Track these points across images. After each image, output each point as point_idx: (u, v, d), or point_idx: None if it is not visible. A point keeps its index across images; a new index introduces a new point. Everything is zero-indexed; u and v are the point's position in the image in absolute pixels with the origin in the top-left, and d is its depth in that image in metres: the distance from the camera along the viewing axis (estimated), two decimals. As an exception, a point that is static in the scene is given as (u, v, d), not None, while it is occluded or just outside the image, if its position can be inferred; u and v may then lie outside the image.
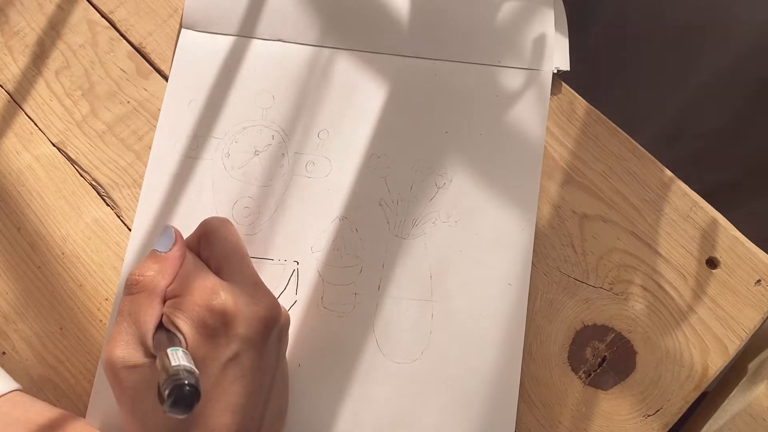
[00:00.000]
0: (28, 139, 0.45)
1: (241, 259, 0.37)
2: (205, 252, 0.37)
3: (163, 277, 0.35)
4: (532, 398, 0.41)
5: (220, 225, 0.38)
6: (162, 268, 0.35)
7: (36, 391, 0.40)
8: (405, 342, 0.41)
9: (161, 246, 0.36)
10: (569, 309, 0.42)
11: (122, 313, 0.35)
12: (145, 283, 0.35)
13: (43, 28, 0.47)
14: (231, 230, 0.38)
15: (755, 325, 0.41)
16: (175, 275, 0.36)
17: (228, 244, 0.37)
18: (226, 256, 0.36)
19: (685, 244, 0.42)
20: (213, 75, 0.45)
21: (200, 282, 0.34)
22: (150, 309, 0.34)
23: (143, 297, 0.35)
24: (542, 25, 0.45)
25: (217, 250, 0.37)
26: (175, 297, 0.34)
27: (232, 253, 0.37)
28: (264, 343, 0.35)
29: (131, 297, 0.35)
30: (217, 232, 0.37)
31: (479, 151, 0.43)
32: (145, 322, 0.34)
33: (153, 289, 0.35)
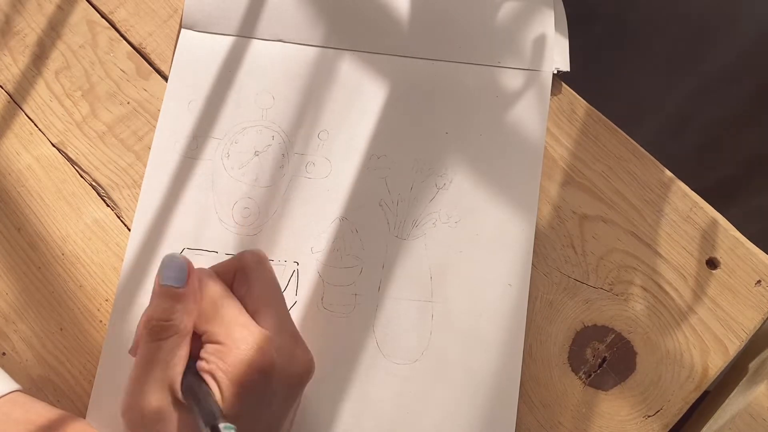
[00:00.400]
0: (28, 140, 0.45)
1: (279, 304, 0.35)
2: (241, 288, 0.35)
3: (190, 317, 0.33)
4: (532, 399, 0.41)
5: (260, 263, 0.36)
6: (185, 308, 0.33)
7: (36, 392, 0.40)
8: (405, 343, 0.41)
9: (175, 280, 0.33)
10: (569, 310, 0.42)
11: (147, 358, 0.32)
12: (175, 328, 0.33)
13: (43, 28, 0.47)
14: (270, 270, 0.36)
15: (755, 325, 0.41)
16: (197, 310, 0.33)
17: (268, 287, 0.35)
18: (265, 300, 0.35)
19: (686, 245, 0.42)
20: (213, 75, 0.45)
21: (245, 333, 0.32)
22: (179, 354, 0.32)
23: (173, 341, 0.33)
24: (542, 25, 0.45)
25: (257, 291, 0.35)
26: (217, 344, 0.32)
27: (272, 298, 0.35)
28: (295, 399, 0.34)
29: (159, 343, 0.32)
30: (257, 271, 0.35)
31: (479, 151, 0.43)
32: (174, 368, 0.32)
33: (182, 332, 0.33)
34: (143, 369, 0.33)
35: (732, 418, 0.40)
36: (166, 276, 0.33)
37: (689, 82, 0.62)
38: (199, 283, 0.34)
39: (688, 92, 0.63)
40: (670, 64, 0.61)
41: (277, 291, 0.36)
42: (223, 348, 0.32)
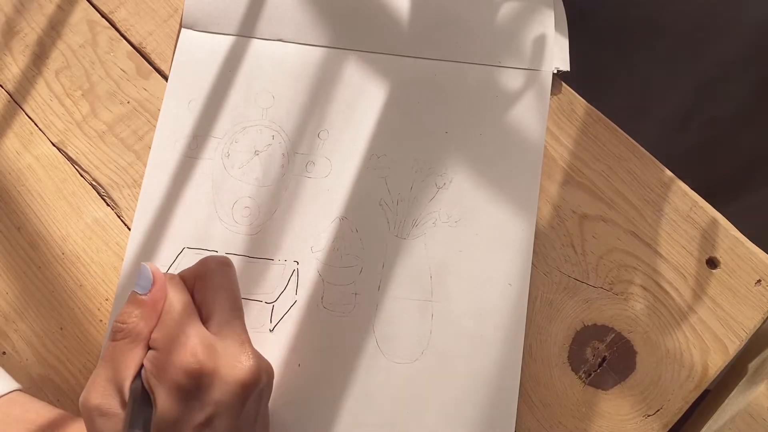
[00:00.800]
0: (29, 139, 0.45)
1: (231, 311, 0.35)
2: (198, 295, 0.36)
3: (146, 324, 0.34)
4: (532, 398, 0.40)
5: (218, 269, 0.36)
6: (143, 314, 0.34)
7: (36, 391, 0.40)
8: (405, 342, 0.41)
9: (139, 287, 0.35)
10: (569, 309, 0.42)
11: (105, 358, 0.34)
12: (128, 331, 0.34)
13: (43, 28, 0.47)
14: (228, 275, 0.36)
15: (755, 325, 0.41)
16: (158, 317, 0.34)
17: (222, 293, 0.36)
18: (218, 306, 0.35)
19: (686, 244, 0.42)
20: (213, 75, 0.45)
21: (182, 338, 0.33)
22: (130, 356, 0.33)
23: (125, 344, 0.34)
24: (542, 25, 0.45)
25: (210, 296, 0.35)
26: (156, 349, 0.33)
27: (224, 303, 0.35)
28: (241, 406, 0.33)
29: (114, 343, 0.34)
30: (214, 277, 0.36)
31: (479, 151, 0.43)
32: (124, 370, 0.33)
33: (135, 336, 0.34)
34: (100, 366, 0.34)
35: (732, 418, 0.40)
36: (136, 282, 0.35)
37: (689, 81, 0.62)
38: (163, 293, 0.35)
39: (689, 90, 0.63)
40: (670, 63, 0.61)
41: (231, 297, 0.36)
42: (159, 353, 0.33)
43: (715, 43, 0.57)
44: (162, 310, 0.34)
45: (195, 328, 0.34)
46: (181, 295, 0.35)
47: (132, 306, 0.34)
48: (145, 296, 0.34)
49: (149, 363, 0.33)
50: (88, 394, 0.33)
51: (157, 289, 0.35)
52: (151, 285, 0.35)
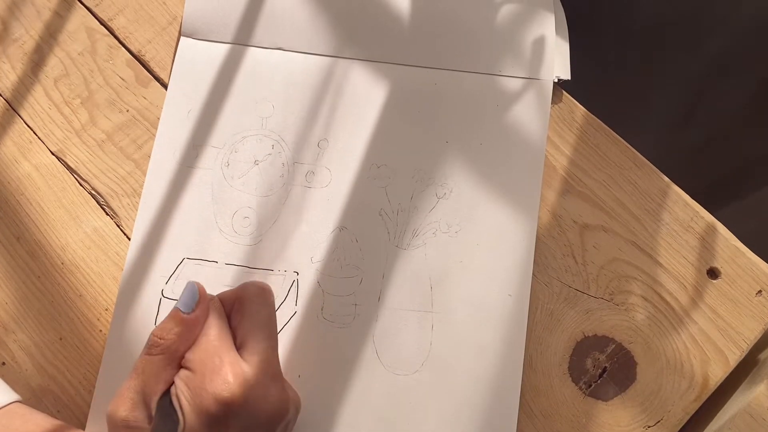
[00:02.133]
0: (27, 148, 0.45)
1: (266, 339, 0.35)
2: (235, 318, 0.36)
3: (183, 343, 0.34)
4: (532, 409, 0.40)
5: (257, 296, 0.36)
6: (182, 333, 0.34)
7: (36, 402, 0.40)
8: (405, 353, 0.41)
9: (184, 305, 0.35)
10: (570, 319, 0.42)
11: (137, 371, 0.34)
12: (165, 347, 0.34)
13: (41, 35, 0.46)
14: (267, 302, 0.37)
15: (756, 336, 0.41)
16: (196, 338, 0.35)
17: (259, 319, 0.36)
18: (253, 332, 0.35)
19: (686, 254, 0.42)
20: (212, 83, 0.44)
21: (217, 363, 0.33)
22: (163, 374, 0.34)
23: (159, 360, 0.34)
24: (543, 34, 0.45)
25: (247, 322, 0.35)
26: (189, 370, 0.33)
27: (259, 330, 0.35)
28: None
29: (149, 358, 0.34)
30: (253, 304, 0.36)
31: (480, 160, 0.43)
32: (155, 385, 0.33)
33: (171, 354, 0.34)
34: (131, 378, 0.34)
35: (732, 418, 0.40)
36: (180, 300, 0.35)
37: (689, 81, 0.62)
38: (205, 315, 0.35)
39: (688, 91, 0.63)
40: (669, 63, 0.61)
41: (267, 326, 0.36)
42: (192, 375, 0.33)
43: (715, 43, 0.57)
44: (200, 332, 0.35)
45: (230, 355, 0.34)
46: (219, 319, 0.35)
47: (172, 322, 0.35)
48: (188, 315, 0.35)
49: (181, 383, 0.33)
50: (117, 406, 0.33)
51: (201, 310, 0.35)
52: (196, 305, 0.35)
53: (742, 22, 0.55)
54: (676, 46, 0.60)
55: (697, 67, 0.60)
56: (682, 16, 0.57)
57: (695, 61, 0.60)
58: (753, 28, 0.55)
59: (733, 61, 0.58)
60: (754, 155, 0.66)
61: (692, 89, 0.62)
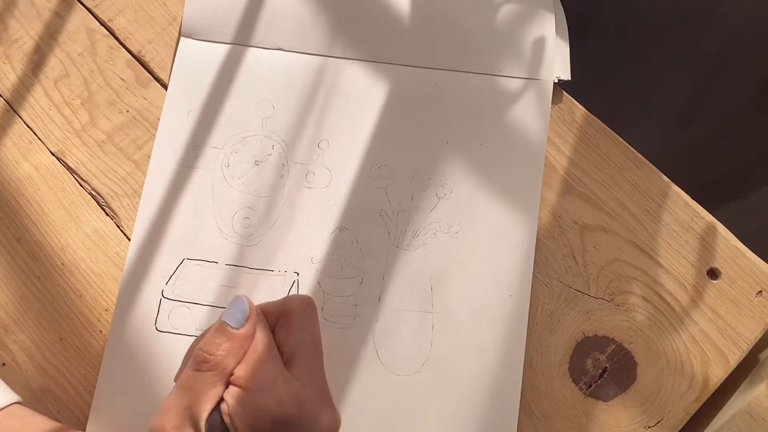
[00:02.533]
0: (27, 149, 0.45)
1: (314, 357, 0.35)
2: (281, 334, 0.35)
3: (233, 359, 0.33)
4: (532, 409, 0.40)
5: (303, 310, 0.36)
6: (232, 348, 0.33)
7: (36, 402, 0.40)
8: (405, 354, 0.41)
9: (233, 320, 0.34)
10: (570, 320, 0.42)
11: (183, 387, 0.33)
12: (215, 363, 0.33)
13: (41, 36, 0.46)
14: (313, 317, 0.36)
15: (756, 336, 0.41)
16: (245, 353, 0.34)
17: (306, 336, 0.35)
18: (300, 349, 0.34)
19: (686, 255, 0.42)
20: (212, 84, 0.44)
21: (269, 381, 0.32)
22: (213, 390, 0.33)
23: (208, 376, 0.33)
24: (543, 34, 0.45)
25: (294, 338, 0.35)
26: (240, 388, 0.33)
27: (308, 348, 0.35)
28: None
29: (197, 374, 0.33)
30: (299, 319, 0.35)
31: (480, 161, 0.43)
32: (203, 402, 0.32)
33: (221, 370, 0.33)
34: (177, 394, 0.33)
35: (732, 418, 0.40)
36: (227, 313, 0.34)
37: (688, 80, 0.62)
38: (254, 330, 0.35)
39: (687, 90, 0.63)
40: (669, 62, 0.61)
41: (314, 342, 0.35)
42: (244, 393, 0.32)
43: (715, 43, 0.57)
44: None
45: (280, 372, 0.33)
46: (267, 334, 0.35)
47: (222, 338, 0.34)
48: (238, 330, 0.34)
49: (233, 401, 0.32)
50: (163, 422, 0.32)
51: (251, 324, 0.34)
52: (245, 319, 0.34)
53: (742, 22, 0.55)
54: (676, 46, 0.60)
55: (697, 67, 0.60)
56: (682, 16, 0.57)
57: (695, 61, 0.60)
58: (753, 28, 0.55)
59: (733, 61, 0.58)
60: (754, 155, 0.66)
61: (692, 89, 0.62)
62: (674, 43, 0.60)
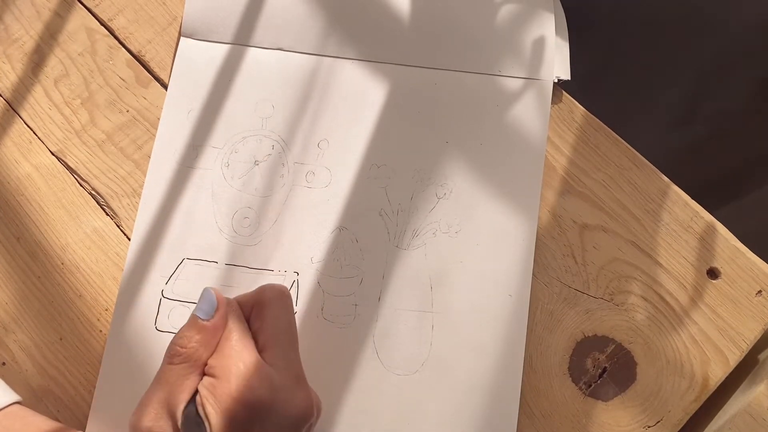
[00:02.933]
0: (27, 148, 0.45)
1: (289, 343, 0.35)
2: (256, 323, 0.36)
3: (205, 350, 0.34)
4: (532, 409, 0.40)
5: (277, 299, 0.36)
6: (203, 339, 0.34)
7: (36, 402, 0.40)
8: (405, 353, 0.41)
9: (202, 312, 0.34)
10: (570, 320, 0.42)
11: (160, 381, 0.34)
12: (187, 355, 0.34)
13: (41, 36, 0.46)
14: (287, 306, 0.36)
15: (756, 336, 0.41)
16: (217, 344, 0.34)
17: (280, 323, 0.36)
18: (275, 336, 0.35)
19: (686, 255, 0.42)
20: (212, 84, 0.44)
21: (241, 368, 0.33)
22: (187, 382, 0.33)
23: (182, 369, 0.33)
24: (543, 34, 0.45)
25: (268, 326, 0.35)
26: (213, 377, 0.33)
27: (282, 334, 0.35)
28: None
29: (171, 367, 0.34)
30: (272, 307, 0.36)
31: (480, 160, 0.43)
32: (179, 394, 0.33)
33: (194, 362, 0.34)
34: (153, 388, 0.34)
35: (732, 418, 0.40)
36: (197, 307, 0.35)
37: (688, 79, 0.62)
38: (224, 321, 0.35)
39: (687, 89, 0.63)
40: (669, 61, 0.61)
41: (288, 329, 0.36)
42: (216, 381, 0.33)
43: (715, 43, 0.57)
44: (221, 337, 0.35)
45: (253, 359, 0.33)
46: (240, 323, 0.35)
47: (192, 330, 0.34)
48: (207, 322, 0.34)
49: (206, 390, 0.33)
50: (140, 416, 0.33)
51: (220, 316, 0.35)
52: (214, 311, 0.34)
53: (741, 22, 0.55)
54: (676, 46, 0.60)
55: (697, 68, 0.60)
56: (682, 17, 0.57)
57: (695, 62, 0.60)
58: (753, 28, 0.55)
59: (733, 61, 0.58)
60: (754, 155, 0.66)
61: (692, 89, 0.62)
62: (674, 43, 0.60)
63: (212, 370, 0.33)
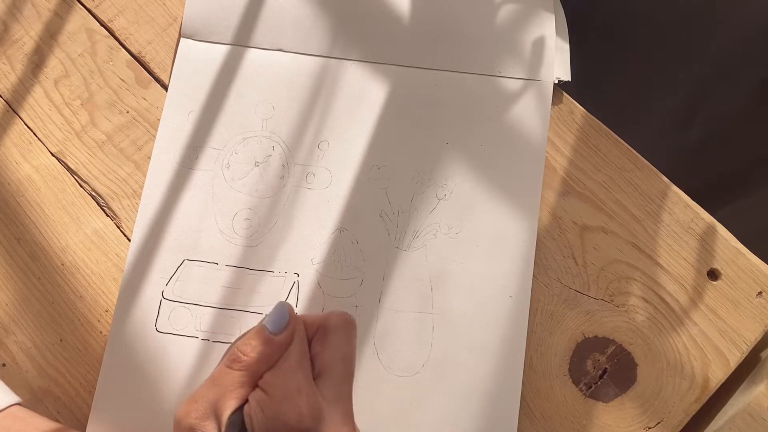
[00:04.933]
0: (27, 149, 0.45)
1: (345, 377, 0.35)
2: (316, 347, 0.35)
3: (265, 363, 0.34)
4: (533, 410, 0.40)
5: (342, 327, 0.35)
6: (266, 352, 0.34)
7: (36, 403, 0.40)
8: (406, 355, 0.41)
9: (272, 324, 0.34)
10: (570, 321, 0.42)
11: (213, 381, 0.34)
12: (247, 364, 0.33)
13: (41, 36, 0.46)
14: (350, 337, 0.36)
15: (756, 337, 0.41)
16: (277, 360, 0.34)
17: (340, 354, 0.35)
18: (332, 365, 0.34)
19: (686, 256, 0.42)
20: (212, 85, 0.44)
21: (295, 392, 0.32)
22: (240, 389, 0.33)
23: (238, 375, 0.33)
24: (543, 35, 0.45)
25: (328, 354, 0.35)
26: (266, 392, 0.33)
27: (340, 366, 0.35)
28: None
29: (227, 371, 0.33)
30: (336, 335, 0.35)
31: (480, 162, 0.43)
32: (228, 399, 0.33)
33: (252, 372, 0.33)
34: (207, 386, 0.34)
35: (732, 418, 0.40)
36: (268, 318, 0.35)
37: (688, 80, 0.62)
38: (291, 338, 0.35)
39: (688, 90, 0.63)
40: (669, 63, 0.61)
41: (347, 362, 0.35)
42: (268, 399, 0.32)
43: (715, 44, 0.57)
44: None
45: (308, 386, 0.33)
46: (302, 345, 0.35)
47: (258, 340, 0.34)
48: (275, 336, 0.34)
49: (256, 404, 0.32)
50: (188, 412, 0.33)
51: (288, 333, 0.34)
52: (284, 327, 0.34)
53: (742, 22, 0.55)
54: (676, 46, 0.60)
55: (697, 68, 0.60)
56: (682, 17, 0.57)
57: (695, 62, 0.60)
58: (753, 28, 0.55)
59: (733, 62, 0.58)
60: (754, 155, 0.66)
61: (692, 90, 0.62)
62: (674, 44, 0.60)
63: (267, 386, 0.33)
